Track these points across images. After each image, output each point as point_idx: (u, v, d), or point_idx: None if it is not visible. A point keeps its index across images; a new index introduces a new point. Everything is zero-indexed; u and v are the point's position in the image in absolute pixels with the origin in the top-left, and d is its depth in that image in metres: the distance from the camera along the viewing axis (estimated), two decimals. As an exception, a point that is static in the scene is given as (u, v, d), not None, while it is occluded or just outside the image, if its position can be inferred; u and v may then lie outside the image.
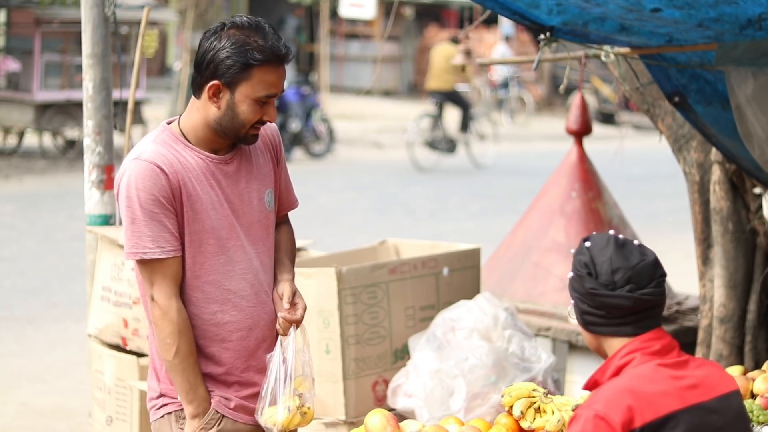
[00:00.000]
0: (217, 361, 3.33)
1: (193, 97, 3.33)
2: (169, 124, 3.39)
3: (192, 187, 3.27)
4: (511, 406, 3.63)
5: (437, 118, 18.51)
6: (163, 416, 3.41)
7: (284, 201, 3.55)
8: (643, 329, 2.86)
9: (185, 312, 3.26)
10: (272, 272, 3.43)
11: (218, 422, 3.34)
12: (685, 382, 2.82)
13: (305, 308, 3.37)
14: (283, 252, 3.52)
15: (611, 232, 2.93)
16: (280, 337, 3.34)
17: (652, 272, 2.86)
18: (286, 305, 3.34)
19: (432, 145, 18.43)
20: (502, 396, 3.67)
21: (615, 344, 2.87)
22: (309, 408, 3.34)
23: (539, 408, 3.61)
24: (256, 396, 3.35)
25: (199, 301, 3.31)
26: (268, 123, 3.41)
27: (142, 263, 3.25)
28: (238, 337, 3.34)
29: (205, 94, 3.25)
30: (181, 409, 3.36)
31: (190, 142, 3.31)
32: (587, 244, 2.91)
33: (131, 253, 3.24)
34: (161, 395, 3.41)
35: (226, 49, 3.19)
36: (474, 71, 25.10)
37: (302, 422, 3.33)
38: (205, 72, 3.23)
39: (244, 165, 3.38)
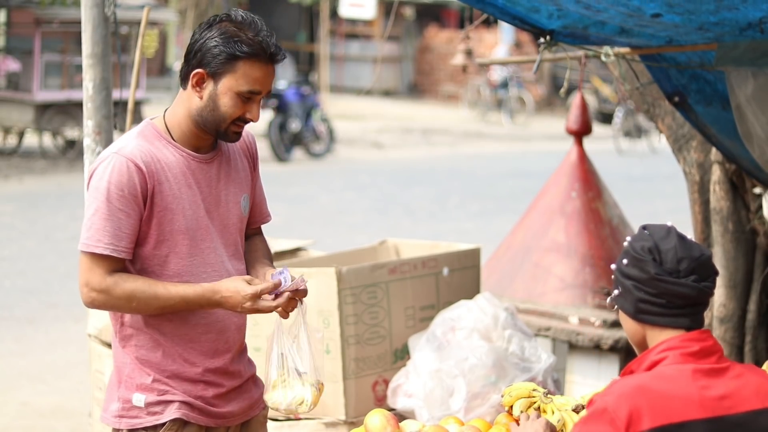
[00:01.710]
0: (185, 359, 3.30)
1: (180, 89, 3.29)
2: (152, 120, 3.35)
3: (169, 186, 3.22)
4: (511, 406, 3.63)
5: (631, 111, 21.14)
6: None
7: (257, 213, 3.50)
8: (697, 323, 2.83)
9: (120, 275, 3.19)
10: (244, 274, 3.38)
11: (179, 430, 3.31)
12: (713, 392, 2.76)
13: (305, 293, 3.30)
14: (261, 255, 3.47)
15: (669, 223, 2.92)
16: (279, 319, 3.28)
17: (711, 267, 2.85)
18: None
19: (627, 133, 21.44)
20: (502, 396, 3.66)
21: (660, 337, 2.82)
22: (322, 384, 3.30)
23: (539, 408, 3.61)
24: (220, 396, 3.34)
25: None
26: (246, 129, 3.37)
27: (90, 255, 3.18)
28: (207, 339, 3.31)
29: (189, 83, 3.22)
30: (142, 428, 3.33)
31: (173, 138, 3.27)
32: (647, 231, 2.87)
33: (85, 245, 3.17)
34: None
35: (215, 38, 3.16)
36: (474, 71, 25.14)
37: (319, 397, 3.29)
38: (192, 61, 3.20)
39: (223, 167, 3.34)
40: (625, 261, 2.86)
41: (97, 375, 4.96)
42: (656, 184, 16.33)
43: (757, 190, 5.17)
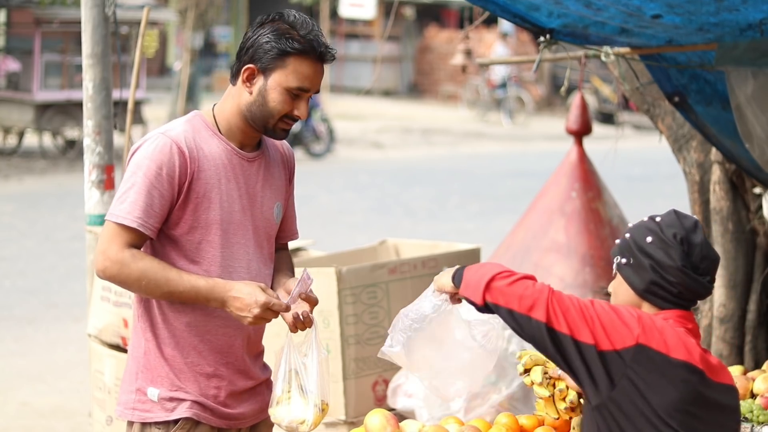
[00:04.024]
0: (199, 351, 3.31)
1: (230, 84, 3.34)
2: (201, 111, 3.40)
3: (210, 175, 3.26)
4: (529, 370, 3.50)
5: None
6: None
7: (287, 229, 3.53)
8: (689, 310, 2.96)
9: (137, 252, 3.21)
10: (268, 280, 3.41)
11: (191, 430, 3.32)
12: (700, 353, 2.88)
13: (317, 301, 3.34)
14: (285, 267, 3.51)
15: (694, 216, 2.96)
16: (290, 334, 3.30)
17: (716, 270, 2.96)
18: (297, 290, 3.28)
19: None
20: (519, 358, 3.53)
21: (651, 311, 2.93)
22: (326, 404, 3.32)
23: (550, 378, 3.52)
24: (233, 396, 3.35)
25: None
26: (286, 143, 3.48)
27: (115, 226, 3.20)
28: (223, 333, 3.32)
29: (240, 78, 3.27)
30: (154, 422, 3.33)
31: (220, 131, 3.32)
32: (677, 219, 2.91)
33: (115, 215, 3.18)
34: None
35: (267, 35, 3.23)
36: (474, 71, 25.13)
37: (321, 418, 3.32)
38: (243, 56, 3.27)
39: (263, 169, 3.38)
40: (649, 239, 2.89)
41: (97, 375, 4.96)
42: (656, 184, 16.33)
43: (757, 190, 5.17)
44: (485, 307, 2.93)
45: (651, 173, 17.34)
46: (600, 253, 6.10)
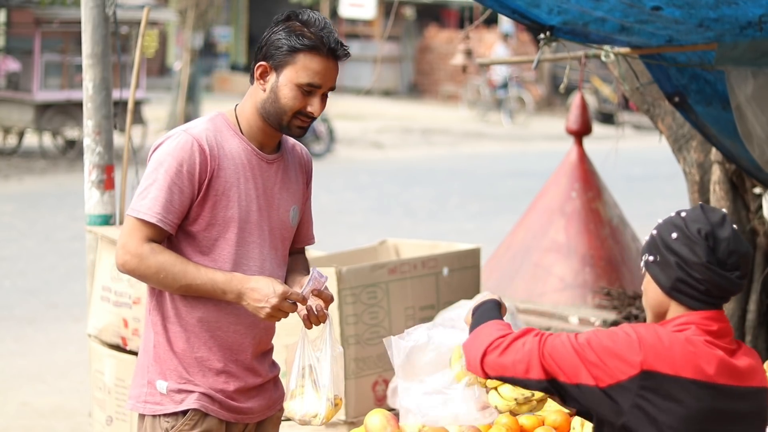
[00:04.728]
0: (209, 347, 3.33)
1: (250, 85, 3.38)
2: (223, 111, 3.43)
3: (229, 174, 3.29)
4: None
5: None
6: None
7: (303, 233, 3.56)
8: (719, 308, 2.90)
9: (156, 246, 3.24)
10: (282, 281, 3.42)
11: (200, 421, 3.34)
12: (720, 361, 2.81)
13: (332, 298, 3.36)
14: (301, 268, 3.54)
15: (724, 210, 2.92)
16: (305, 329, 3.32)
17: (750, 264, 2.93)
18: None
19: None
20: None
21: (679, 311, 2.87)
22: (340, 399, 3.35)
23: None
24: (241, 392, 3.37)
25: None
26: (305, 148, 3.50)
27: (135, 220, 3.23)
28: (234, 331, 3.34)
29: (255, 76, 3.32)
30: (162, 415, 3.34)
31: (241, 131, 3.35)
32: (704, 213, 2.87)
33: (136, 211, 3.23)
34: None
35: (280, 32, 3.27)
36: (474, 71, 25.13)
37: (334, 412, 3.35)
38: (258, 55, 3.31)
39: (281, 172, 3.41)
40: (674, 235, 2.85)
41: (97, 375, 4.96)
42: (656, 184, 16.33)
43: (757, 190, 5.17)
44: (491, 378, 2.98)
45: (651, 173, 17.35)
46: (600, 253, 6.10)
